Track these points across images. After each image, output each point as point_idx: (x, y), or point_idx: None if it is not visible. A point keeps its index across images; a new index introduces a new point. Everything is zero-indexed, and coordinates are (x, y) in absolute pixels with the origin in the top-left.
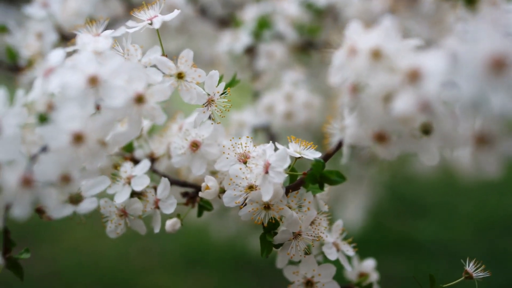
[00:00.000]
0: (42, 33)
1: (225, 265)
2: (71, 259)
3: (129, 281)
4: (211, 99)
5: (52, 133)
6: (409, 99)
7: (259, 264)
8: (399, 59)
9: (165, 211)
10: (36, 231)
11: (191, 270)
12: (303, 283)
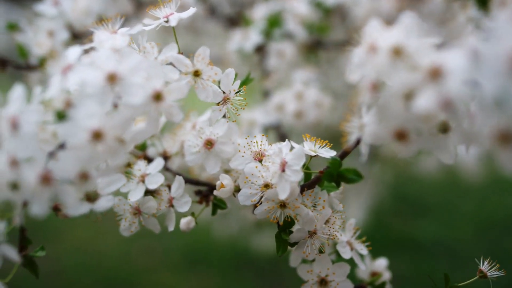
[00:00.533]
0: (54, 31)
1: (227, 264)
2: (74, 258)
3: (131, 280)
4: (226, 97)
5: (71, 130)
6: (431, 97)
7: (261, 263)
8: (420, 57)
9: (180, 209)
10: (38, 230)
11: (193, 270)
12: (317, 282)
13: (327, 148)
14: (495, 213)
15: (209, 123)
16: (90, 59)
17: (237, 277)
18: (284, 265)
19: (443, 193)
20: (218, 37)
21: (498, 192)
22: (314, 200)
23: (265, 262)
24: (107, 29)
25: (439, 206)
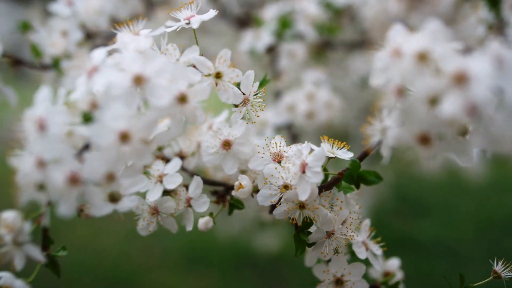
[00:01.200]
0: (67, 31)
1: (227, 264)
2: (73, 257)
3: (131, 279)
4: (246, 99)
5: (99, 132)
6: (456, 102)
7: (261, 263)
8: (445, 62)
9: (198, 209)
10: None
11: (193, 269)
12: (333, 282)
13: (344, 150)
14: (495, 213)
15: (226, 124)
16: (115, 61)
17: (237, 277)
18: (284, 265)
19: (443, 193)
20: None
21: (498, 192)
22: (331, 201)
23: (266, 262)
24: (129, 31)
25: (440, 206)
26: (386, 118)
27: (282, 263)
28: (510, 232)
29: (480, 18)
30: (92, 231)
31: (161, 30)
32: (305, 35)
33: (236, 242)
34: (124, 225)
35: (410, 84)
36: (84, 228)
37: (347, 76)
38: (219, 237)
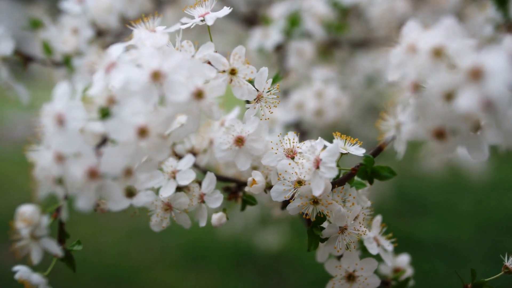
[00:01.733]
0: (78, 29)
1: (227, 262)
2: (74, 255)
3: (130, 277)
4: (260, 95)
5: (118, 127)
6: (472, 97)
7: (261, 261)
8: (461, 58)
9: (212, 205)
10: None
11: (193, 267)
12: (345, 277)
13: (356, 146)
14: (495, 213)
15: (239, 121)
16: (132, 57)
17: (237, 275)
18: (284, 264)
19: (443, 192)
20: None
21: (498, 192)
22: (344, 196)
23: (266, 261)
24: (145, 28)
25: (440, 205)
26: (400, 113)
27: (282, 262)
28: (510, 232)
29: (487, 17)
30: (92, 229)
31: (177, 26)
32: (313, 33)
33: (236, 241)
34: (124, 223)
35: (425, 79)
36: (84, 226)
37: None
38: (220, 235)
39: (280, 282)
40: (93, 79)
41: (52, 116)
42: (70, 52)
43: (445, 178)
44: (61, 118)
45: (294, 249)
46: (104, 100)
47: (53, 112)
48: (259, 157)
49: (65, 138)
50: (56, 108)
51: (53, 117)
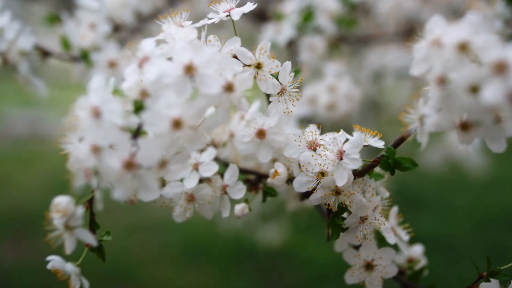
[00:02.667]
0: (95, 24)
1: (226, 258)
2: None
3: (130, 273)
4: (283, 89)
5: (154, 119)
6: (497, 90)
7: (259, 258)
8: (486, 52)
9: (234, 196)
10: (34, 223)
11: (192, 263)
12: (363, 266)
13: (376, 138)
14: (492, 209)
15: (260, 114)
16: (163, 51)
17: (235, 272)
18: (283, 260)
19: (441, 188)
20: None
21: (495, 189)
22: (364, 187)
23: (265, 257)
24: (174, 22)
25: (437, 201)
26: (423, 106)
27: (281, 258)
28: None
29: (496, 13)
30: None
31: (204, 21)
32: (324, 29)
33: (235, 237)
34: (122, 220)
35: (451, 73)
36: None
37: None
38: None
39: (279, 278)
40: (125, 73)
41: (87, 109)
42: (88, 47)
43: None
44: (97, 111)
45: (293, 245)
46: (137, 93)
47: (88, 105)
48: (279, 150)
49: (101, 130)
50: (92, 101)
51: (89, 110)
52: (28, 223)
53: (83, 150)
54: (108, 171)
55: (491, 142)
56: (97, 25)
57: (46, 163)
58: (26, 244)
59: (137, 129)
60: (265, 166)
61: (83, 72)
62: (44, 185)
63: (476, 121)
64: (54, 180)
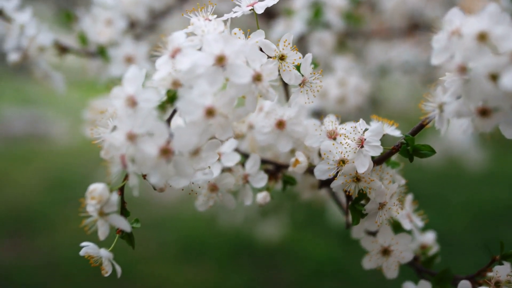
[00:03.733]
0: (112, 20)
1: (223, 255)
2: (68, 250)
3: (127, 271)
4: (305, 80)
5: (188, 107)
6: None
7: (257, 254)
8: (505, 42)
9: (256, 185)
10: (32, 222)
11: (189, 261)
12: (380, 251)
13: (393, 128)
14: (488, 204)
15: (280, 105)
16: (194, 43)
17: (233, 268)
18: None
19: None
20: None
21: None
22: (381, 174)
23: (262, 254)
24: (201, 16)
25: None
26: (442, 94)
27: (278, 254)
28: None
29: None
30: None
31: (229, 15)
32: (332, 24)
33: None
34: None
35: (471, 61)
36: (77, 222)
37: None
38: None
39: (276, 274)
40: (156, 64)
41: (123, 98)
42: (105, 43)
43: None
44: (133, 100)
45: (291, 241)
46: (169, 84)
47: (124, 95)
48: (298, 140)
49: (137, 119)
50: (128, 90)
51: (125, 99)
52: (26, 221)
53: (118, 138)
54: (145, 157)
55: (507, 128)
56: (114, 21)
57: (44, 161)
58: (24, 242)
59: (169, 117)
60: (282, 157)
61: (100, 68)
62: (41, 184)
63: (495, 107)
64: (51, 179)
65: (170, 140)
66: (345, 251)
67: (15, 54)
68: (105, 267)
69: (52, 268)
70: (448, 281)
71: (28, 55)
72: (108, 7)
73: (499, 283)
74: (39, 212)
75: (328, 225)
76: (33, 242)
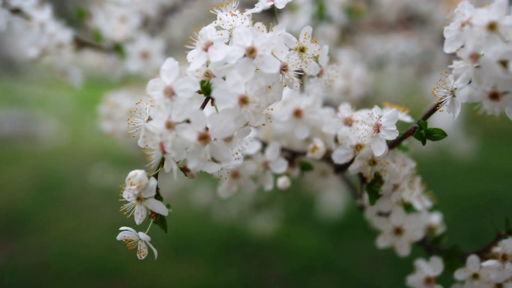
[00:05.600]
0: (126, 17)
1: (214, 252)
2: (59, 249)
3: (118, 269)
4: (322, 70)
5: (223, 96)
6: None
7: (248, 249)
8: None
9: (277, 170)
10: (21, 222)
11: (180, 258)
12: (393, 231)
13: (405, 114)
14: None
15: (297, 95)
16: (223, 36)
17: (224, 264)
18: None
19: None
20: None
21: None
22: (394, 158)
23: (253, 249)
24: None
25: None
26: (454, 80)
27: (268, 249)
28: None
29: None
30: (76, 225)
31: (252, 10)
32: (335, 18)
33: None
34: (108, 218)
35: (482, 49)
36: (68, 222)
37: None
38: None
39: (267, 269)
40: (188, 57)
41: (161, 89)
42: (121, 39)
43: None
44: (171, 90)
45: (282, 236)
46: (202, 75)
47: (162, 86)
48: (314, 127)
49: (176, 108)
50: (166, 82)
51: (163, 90)
52: (15, 222)
53: (158, 127)
54: (184, 144)
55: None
56: (128, 18)
57: (33, 162)
58: (14, 242)
59: (203, 105)
60: (297, 145)
61: (115, 64)
62: (30, 184)
63: (504, 91)
64: (40, 179)
65: (209, 127)
66: (335, 245)
67: (34, 50)
68: (142, 250)
69: (42, 268)
70: (457, 256)
71: (48, 51)
72: (121, 4)
73: (506, 256)
74: (28, 212)
75: (317, 219)
76: (23, 242)
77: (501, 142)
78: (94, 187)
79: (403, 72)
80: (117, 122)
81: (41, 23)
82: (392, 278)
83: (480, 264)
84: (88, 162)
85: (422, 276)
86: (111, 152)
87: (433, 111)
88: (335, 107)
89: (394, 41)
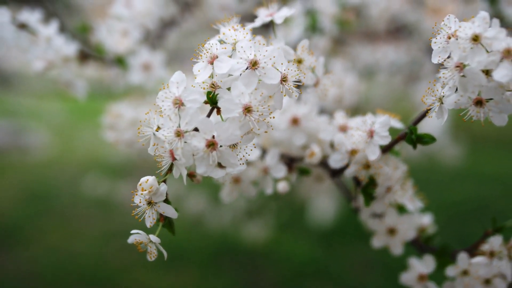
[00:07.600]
0: (127, 31)
1: (205, 259)
2: (50, 259)
3: (109, 279)
4: (318, 80)
5: (229, 106)
6: (506, 72)
7: (239, 256)
8: (496, 42)
9: (276, 175)
10: (11, 232)
11: (171, 267)
12: (387, 231)
13: (396, 120)
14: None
15: (294, 104)
16: (226, 50)
17: (215, 272)
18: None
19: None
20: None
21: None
22: (386, 162)
23: (244, 256)
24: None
25: None
26: (441, 88)
27: (259, 256)
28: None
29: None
30: (65, 235)
31: (252, 25)
32: (326, 30)
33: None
34: (97, 228)
35: (467, 60)
36: (57, 233)
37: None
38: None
39: (258, 276)
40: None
41: (170, 100)
42: (123, 52)
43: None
44: (180, 101)
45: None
46: (208, 86)
47: (171, 97)
48: (311, 134)
49: (185, 117)
50: (175, 93)
51: (172, 101)
52: (5, 232)
53: (167, 135)
54: (192, 151)
55: (497, 116)
56: (130, 32)
57: (24, 173)
58: (4, 253)
59: (208, 114)
60: (295, 151)
61: (117, 76)
62: (21, 195)
63: (488, 98)
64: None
65: (216, 135)
66: (326, 251)
67: (40, 64)
68: (152, 251)
69: (34, 278)
70: (448, 254)
71: (54, 64)
72: (123, 19)
73: (493, 252)
74: (19, 223)
75: (308, 226)
76: (14, 252)
77: (487, 148)
78: (85, 198)
79: (392, 80)
80: (120, 132)
81: (47, 38)
82: (383, 283)
83: (469, 261)
84: (79, 173)
85: (415, 273)
86: (102, 163)
87: (423, 117)
88: (329, 114)
89: (383, 51)
